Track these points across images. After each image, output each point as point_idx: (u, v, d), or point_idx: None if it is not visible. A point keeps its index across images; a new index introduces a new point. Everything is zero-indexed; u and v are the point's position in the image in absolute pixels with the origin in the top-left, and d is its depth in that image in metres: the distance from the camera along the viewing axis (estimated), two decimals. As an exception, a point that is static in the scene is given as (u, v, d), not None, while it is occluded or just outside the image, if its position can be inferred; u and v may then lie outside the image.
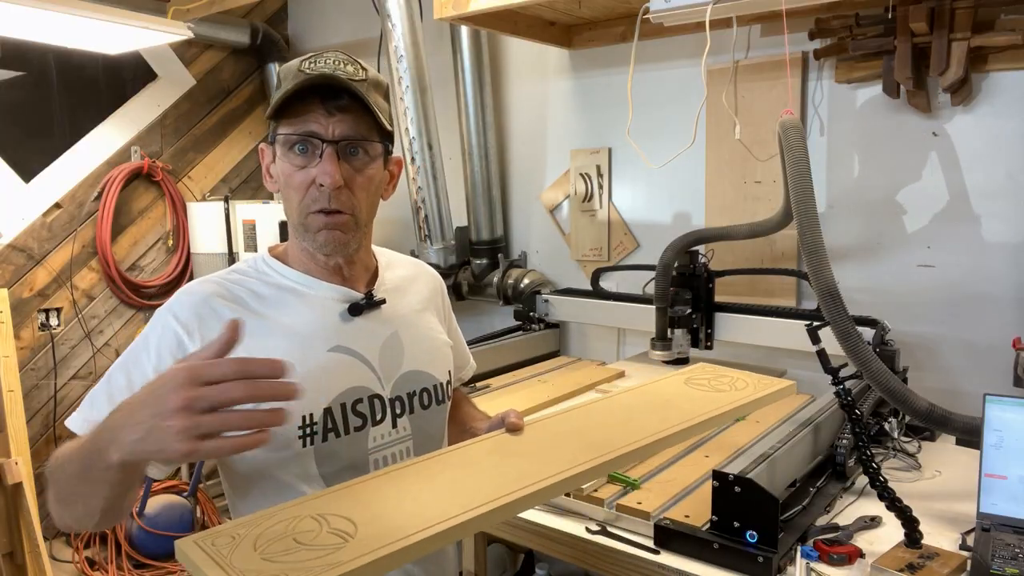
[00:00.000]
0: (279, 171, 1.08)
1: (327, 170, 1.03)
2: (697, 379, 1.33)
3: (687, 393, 1.26)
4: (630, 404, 1.21)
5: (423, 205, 2.80)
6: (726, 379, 1.33)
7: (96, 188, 3.24)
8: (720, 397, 1.24)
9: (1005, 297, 1.99)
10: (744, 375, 1.34)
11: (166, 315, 1.05)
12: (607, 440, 1.05)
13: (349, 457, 1.08)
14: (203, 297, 1.06)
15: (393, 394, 1.14)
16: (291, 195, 1.07)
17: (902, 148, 2.11)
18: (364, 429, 1.10)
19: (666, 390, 1.28)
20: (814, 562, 1.27)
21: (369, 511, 0.85)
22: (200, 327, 1.03)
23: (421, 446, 1.16)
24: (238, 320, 0.83)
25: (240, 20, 3.47)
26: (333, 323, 1.11)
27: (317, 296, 1.12)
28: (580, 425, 1.13)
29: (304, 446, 1.04)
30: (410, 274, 1.27)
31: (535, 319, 2.67)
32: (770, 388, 1.28)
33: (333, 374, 1.08)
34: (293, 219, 1.09)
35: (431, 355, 1.22)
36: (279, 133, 1.06)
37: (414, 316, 1.23)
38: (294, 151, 1.05)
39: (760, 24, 2.28)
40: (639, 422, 1.12)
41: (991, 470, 1.37)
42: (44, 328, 3.15)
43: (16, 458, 2.67)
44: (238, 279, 1.11)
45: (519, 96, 2.96)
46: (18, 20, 2.30)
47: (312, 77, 1.02)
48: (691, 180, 2.48)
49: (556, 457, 1.00)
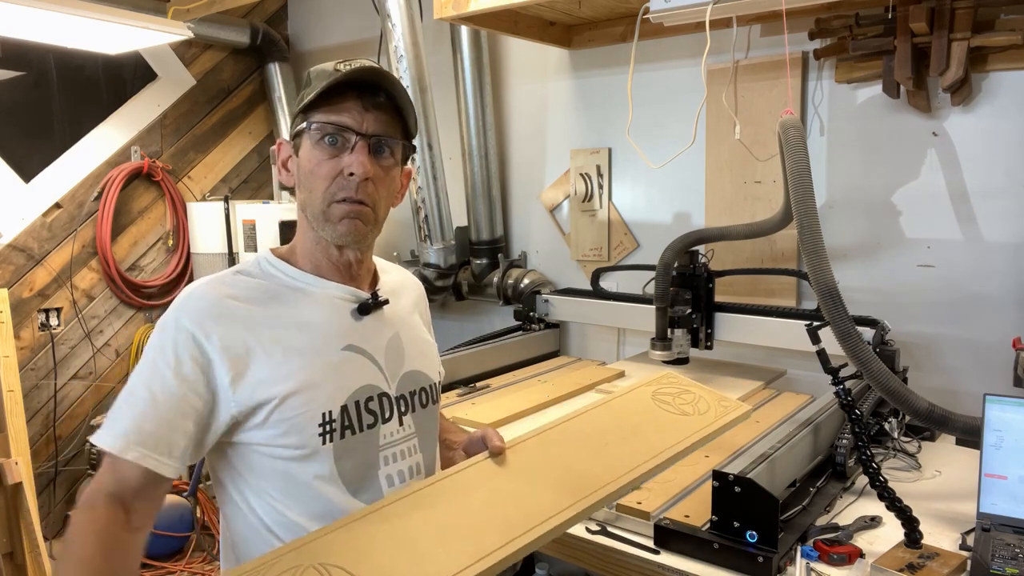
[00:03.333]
0: (304, 160, 1.10)
1: (359, 159, 1.07)
2: (663, 394, 1.37)
3: (655, 415, 1.31)
4: (603, 427, 1.26)
5: (423, 205, 2.80)
6: (689, 396, 1.37)
7: (96, 188, 3.24)
8: (685, 424, 1.29)
9: (1005, 297, 1.99)
10: (705, 393, 1.39)
11: (178, 318, 1.04)
12: (586, 473, 1.12)
13: (363, 454, 1.10)
14: (215, 299, 1.06)
15: (398, 392, 1.16)
16: (316, 184, 1.09)
17: (902, 148, 2.11)
18: (376, 427, 1.12)
19: (635, 407, 1.33)
20: (814, 562, 1.27)
21: (371, 563, 0.89)
22: (217, 328, 1.03)
23: (423, 443, 1.20)
24: None
25: (240, 20, 3.47)
26: (345, 322, 1.13)
27: (327, 295, 1.13)
28: (559, 452, 1.18)
29: (324, 443, 1.06)
30: (400, 279, 1.31)
31: (535, 319, 2.67)
32: (730, 415, 1.32)
33: (348, 372, 1.11)
34: (315, 208, 1.10)
35: (426, 356, 1.26)
36: (313, 122, 1.08)
37: (409, 318, 1.26)
38: (324, 141, 1.08)
39: (760, 24, 2.28)
40: (613, 452, 1.18)
41: (991, 470, 1.37)
42: (44, 328, 3.15)
43: (16, 458, 2.67)
44: (245, 280, 1.11)
45: (519, 96, 2.96)
46: (18, 20, 2.30)
47: (356, 70, 1.07)
48: (691, 180, 2.48)
49: (541, 496, 1.06)
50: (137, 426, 0.99)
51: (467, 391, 2.20)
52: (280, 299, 1.10)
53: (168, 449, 0.99)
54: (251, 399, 1.03)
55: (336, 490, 1.07)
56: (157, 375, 1.02)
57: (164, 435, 0.99)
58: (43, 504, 3.12)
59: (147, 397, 1.00)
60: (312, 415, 1.05)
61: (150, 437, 0.98)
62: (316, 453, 1.05)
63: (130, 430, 0.98)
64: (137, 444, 0.98)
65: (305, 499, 1.06)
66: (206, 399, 1.02)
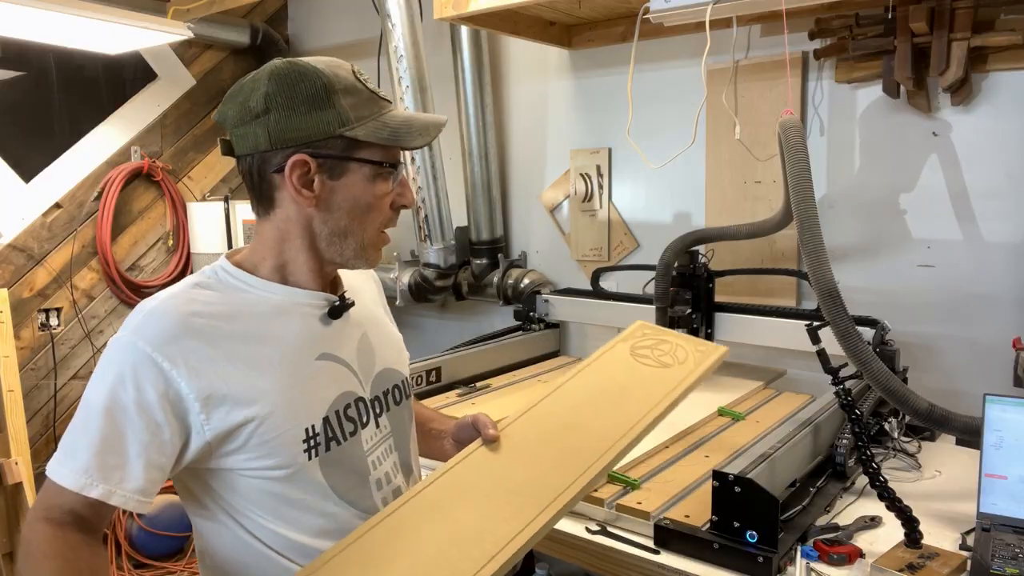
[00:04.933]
0: (360, 193, 1.05)
1: (410, 192, 1.10)
2: (640, 348, 1.37)
3: (637, 373, 1.30)
4: (590, 395, 1.25)
5: (423, 205, 2.80)
6: (667, 346, 1.36)
7: (96, 188, 3.24)
8: (668, 376, 1.28)
9: (1005, 297, 1.99)
10: (682, 341, 1.38)
11: (135, 343, 0.96)
12: (583, 446, 1.11)
13: (351, 463, 1.08)
14: (176, 318, 0.98)
15: (372, 394, 1.14)
16: (371, 217, 1.08)
17: (902, 148, 2.11)
18: (356, 433, 1.10)
19: (616, 367, 1.32)
20: (814, 562, 1.27)
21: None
22: (181, 351, 0.96)
23: (398, 441, 1.18)
24: None
25: (240, 20, 3.47)
26: (315, 330, 1.09)
27: (293, 303, 1.08)
28: (551, 427, 1.17)
29: (310, 459, 1.03)
30: (354, 273, 1.24)
31: (535, 319, 2.67)
32: (709, 359, 1.32)
33: (325, 383, 1.07)
34: (362, 239, 1.08)
35: (396, 352, 1.24)
36: (375, 161, 1.06)
37: (374, 315, 1.23)
38: (388, 177, 1.07)
39: (760, 24, 2.27)
40: (605, 419, 1.18)
41: (991, 470, 1.37)
42: (44, 328, 3.15)
43: (16, 458, 2.67)
44: (205, 294, 1.04)
45: (519, 96, 2.96)
46: (18, 20, 2.30)
47: (428, 127, 1.09)
48: (691, 180, 2.48)
49: (545, 478, 1.05)
50: (100, 461, 0.92)
51: (467, 391, 2.20)
52: (245, 312, 1.03)
53: (138, 485, 0.94)
54: (226, 423, 0.97)
55: (330, 503, 1.05)
56: (118, 406, 0.94)
57: (132, 471, 0.93)
58: (43, 504, 3.12)
59: (108, 429, 0.93)
60: (295, 432, 1.01)
61: (115, 472, 0.93)
62: (303, 470, 1.02)
63: (92, 466, 0.92)
64: (102, 481, 0.92)
65: (302, 517, 1.03)
66: (175, 429, 0.96)
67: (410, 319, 3.28)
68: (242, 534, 1.03)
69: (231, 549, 1.04)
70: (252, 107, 1.02)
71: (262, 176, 1.06)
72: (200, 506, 1.06)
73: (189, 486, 1.05)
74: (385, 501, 1.11)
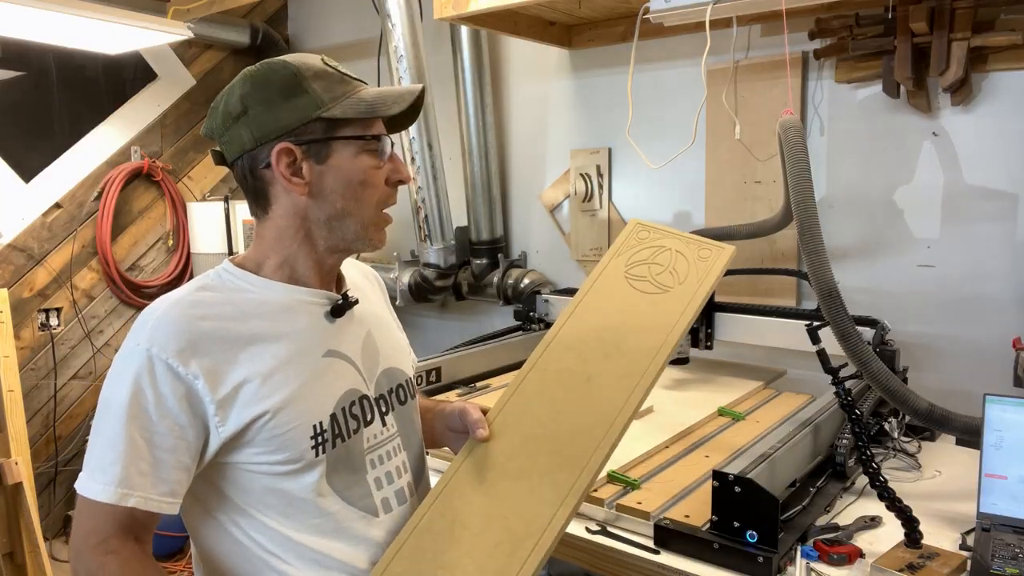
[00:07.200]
0: (349, 170, 1.05)
1: (403, 166, 1.10)
2: (636, 265, 1.27)
3: (634, 308, 1.20)
4: (581, 353, 1.18)
5: (423, 205, 2.80)
6: (665, 257, 1.27)
7: (96, 188, 3.24)
8: (668, 306, 1.19)
9: (1005, 297, 1.99)
10: (679, 245, 1.28)
11: (148, 349, 0.97)
12: (579, 429, 1.09)
13: (352, 461, 1.08)
14: (185, 322, 0.99)
15: (376, 393, 1.14)
16: (368, 194, 1.07)
17: (902, 148, 2.11)
18: (359, 431, 1.10)
19: (610, 302, 1.23)
20: (814, 562, 1.27)
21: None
22: (193, 354, 0.97)
23: (407, 441, 1.18)
24: None
25: (240, 20, 3.47)
26: (321, 327, 1.09)
27: (298, 301, 1.09)
28: (544, 411, 1.14)
29: (317, 455, 1.03)
30: (360, 273, 1.27)
31: (535, 319, 2.67)
32: (712, 272, 1.22)
33: (332, 379, 1.08)
34: (362, 219, 1.07)
35: (400, 352, 1.24)
36: (357, 136, 1.06)
37: (379, 314, 1.23)
38: (374, 150, 1.07)
39: (760, 24, 2.28)
40: (600, 386, 1.13)
41: (991, 470, 1.37)
42: (44, 328, 3.15)
43: (16, 458, 2.67)
44: (210, 296, 1.05)
45: (519, 96, 2.96)
46: (18, 20, 2.30)
47: (403, 94, 1.08)
48: (691, 180, 2.48)
49: (539, 492, 1.04)
50: (131, 472, 0.94)
51: (467, 391, 2.20)
52: (252, 311, 1.04)
53: (170, 488, 0.96)
54: (240, 420, 0.99)
55: (332, 501, 1.05)
56: (141, 413, 0.95)
57: (163, 475, 0.96)
58: (43, 504, 3.12)
59: (134, 438, 0.95)
60: (304, 428, 1.02)
61: (147, 479, 0.95)
62: (310, 466, 1.03)
63: (123, 476, 0.94)
64: (137, 489, 0.94)
65: (306, 516, 1.03)
66: (197, 430, 0.98)
67: (410, 319, 3.28)
68: (240, 536, 1.04)
69: (228, 554, 1.05)
70: (231, 111, 1.04)
71: (254, 175, 1.07)
72: (200, 507, 1.06)
73: (192, 486, 1.05)
74: (386, 501, 1.11)
